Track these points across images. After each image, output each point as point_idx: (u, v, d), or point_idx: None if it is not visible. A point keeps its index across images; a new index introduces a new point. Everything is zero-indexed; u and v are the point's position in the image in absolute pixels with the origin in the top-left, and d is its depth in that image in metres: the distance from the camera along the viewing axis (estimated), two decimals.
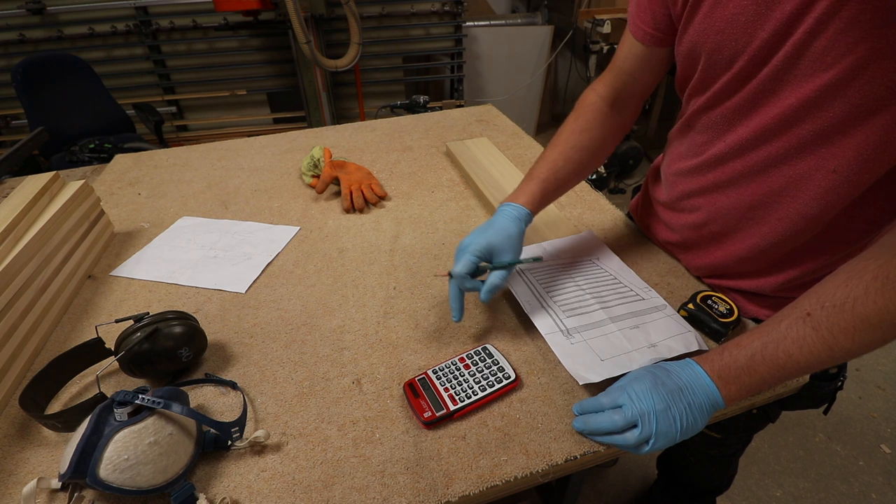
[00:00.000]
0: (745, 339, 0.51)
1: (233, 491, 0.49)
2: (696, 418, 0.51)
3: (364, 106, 2.93)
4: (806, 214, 0.56)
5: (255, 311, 0.72)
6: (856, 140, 0.49)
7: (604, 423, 0.51)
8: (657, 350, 0.60)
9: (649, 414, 0.50)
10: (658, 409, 0.50)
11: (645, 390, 0.51)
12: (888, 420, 1.53)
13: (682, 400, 0.51)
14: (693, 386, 0.51)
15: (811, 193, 0.54)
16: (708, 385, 0.51)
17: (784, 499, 1.34)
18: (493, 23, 3.17)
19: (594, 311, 0.66)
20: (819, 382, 0.70)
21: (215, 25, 2.55)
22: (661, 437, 0.50)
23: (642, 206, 0.87)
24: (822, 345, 0.46)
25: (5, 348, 0.60)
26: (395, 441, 0.53)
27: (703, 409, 0.51)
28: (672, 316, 0.65)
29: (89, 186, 0.86)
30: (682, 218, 0.73)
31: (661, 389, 0.51)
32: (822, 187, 0.53)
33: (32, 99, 1.99)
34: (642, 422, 0.50)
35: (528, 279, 0.72)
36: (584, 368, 0.57)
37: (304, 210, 0.98)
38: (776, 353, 0.48)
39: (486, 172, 1.03)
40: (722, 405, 0.51)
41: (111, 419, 0.47)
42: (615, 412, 0.51)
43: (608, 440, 0.52)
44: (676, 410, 0.50)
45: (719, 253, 0.69)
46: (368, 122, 1.40)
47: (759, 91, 0.53)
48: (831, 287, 0.47)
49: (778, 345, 0.48)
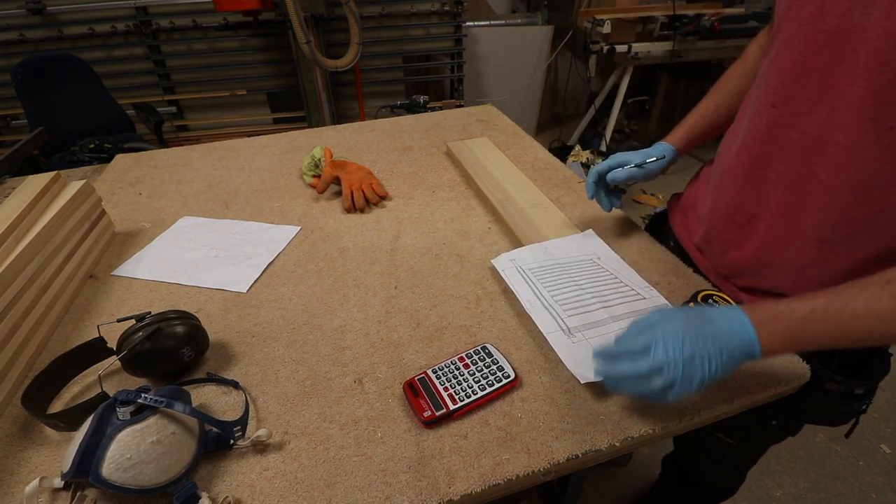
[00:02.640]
0: (812, 294, 0.48)
1: (235, 490, 0.49)
2: (724, 366, 0.48)
3: (364, 106, 2.93)
4: (857, 181, 0.52)
5: (256, 311, 0.72)
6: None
7: (627, 369, 0.49)
8: None
9: (676, 361, 0.47)
10: (686, 357, 0.47)
11: (676, 333, 0.48)
12: (888, 420, 1.53)
13: (713, 346, 0.48)
14: (729, 332, 0.48)
15: (861, 155, 0.51)
16: (747, 333, 0.48)
17: (784, 499, 1.34)
18: (493, 23, 3.17)
19: (595, 311, 0.66)
20: (841, 400, 0.65)
21: (215, 25, 2.55)
22: (685, 384, 0.47)
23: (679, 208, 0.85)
24: (894, 314, 0.44)
25: (7, 348, 0.60)
26: (397, 440, 0.54)
27: (733, 357, 0.48)
28: None
29: (90, 186, 0.86)
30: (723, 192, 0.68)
31: (691, 334, 0.48)
32: (873, 145, 0.49)
33: (32, 99, 1.99)
34: (667, 368, 0.47)
35: (530, 279, 0.72)
36: (585, 367, 0.57)
37: (305, 210, 0.98)
38: (841, 310, 0.46)
39: (487, 172, 1.03)
40: (758, 356, 0.48)
41: (113, 418, 0.47)
42: (641, 357, 0.49)
43: (631, 387, 0.50)
44: (705, 356, 0.47)
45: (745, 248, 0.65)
46: (368, 122, 1.40)
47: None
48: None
49: (846, 303, 0.46)
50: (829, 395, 0.63)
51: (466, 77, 3.11)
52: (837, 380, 0.62)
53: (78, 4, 2.45)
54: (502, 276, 0.74)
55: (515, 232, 0.85)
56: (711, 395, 0.57)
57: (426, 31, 2.88)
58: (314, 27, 2.50)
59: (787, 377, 0.59)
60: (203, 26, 2.60)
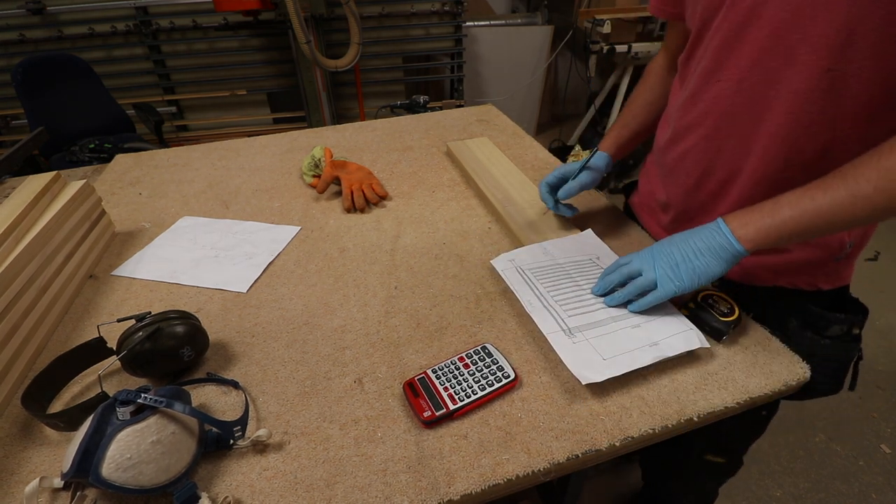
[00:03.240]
0: (782, 194, 0.55)
1: (235, 490, 0.49)
2: (702, 252, 0.59)
3: (364, 106, 2.93)
4: (799, 125, 0.57)
5: (256, 311, 0.72)
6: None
7: (615, 276, 0.66)
8: (659, 348, 0.60)
9: (654, 256, 0.62)
10: (664, 252, 0.62)
11: (651, 247, 0.64)
12: (888, 420, 1.53)
13: (685, 240, 0.60)
14: (701, 229, 0.60)
15: (801, 97, 0.56)
16: (716, 224, 0.58)
17: (784, 499, 1.34)
18: (493, 23, 3.17)
19: (596, 311, 0.66)
20: (843, 344, 0.69)
21: (215, 25, 2.55)
22: (673, 272, 0.60)
23: (638, 196, 0.91)
24: (845, 190, 0.50)
25: (7, 348, 0.60)
26: (397, 440, 0.54)
27: (712, 250, 0.58)
28: (673, 314, 0.65)
29: (90, 186, 0.86)
30: (678, 173, 0.74)
31: (665, 242, 0.62)
32: (811, 89, 0.55)
33: (32, 99, 1.99)
34: (649, 265, 0.62)
35: (530, 279, 0.72)
36: (586, 368, 0.57)
37: (305, 210, 0.98)
38: (802, 196, 0.53)
39: (487, 172, 1.03)
40: (738, 246, 0.56)
41: (113, 418, 0.47)
42: (625, 265, 0.66)
43: (626, 293, 0.64)
44: (682, 248, 0.60)
45: (720, 209, 0.69)
46: (368, 122, 1.40)
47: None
48: (864, 155, 0.51)
49: (806, 191, 0.53)
50: (834, 340, 0.68)
51: (466, 77, 3.11)
52: (840, 318, 0.68)
53: (78, 4, 2.45)
54: (502, 277, 0.74)
55: (515, 232, 0.85)
56: (711, 395, 0.57)
57: (426, 31, 2.88)
58: (314, 27, 2.50)
59: (788, 377, 0.59)
60: (203, 26, 2.60)
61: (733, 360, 0.62)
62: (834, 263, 0.69)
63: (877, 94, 0.53)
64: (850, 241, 0.67)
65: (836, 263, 0.69)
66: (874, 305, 1.96)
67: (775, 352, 0.63)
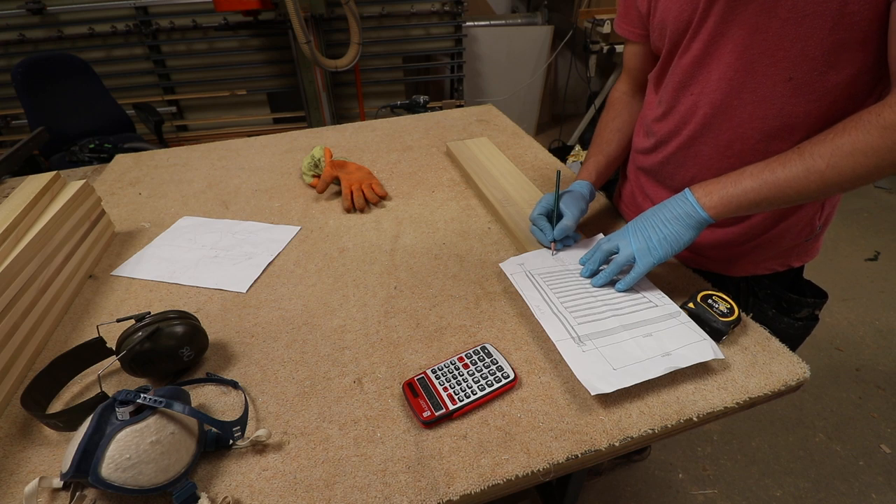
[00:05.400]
0: (746, 167, 0.60)
1: (234, 490, 0.49)
2: (671, 223, 0.63)
3: (364, 106, 2.93)
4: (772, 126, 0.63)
5: (256, 311, 0.72)
6: None
7: (599, 256, 0.69)
8: (671, 359, 0.58)
9: (626, 235, 0.67)
10: (636, 230, 0.66)
11: (630, 223, 0.68)
12: (888, 420, 1.53)
13: (654, 215, 0.65)
14: (668, 201, 0.64)
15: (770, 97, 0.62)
16: (683, 195, 0.62)
17: (784, 499, 1.34)
18: (493, 23, 3.17)
19: (606, 319, 0.64)
20: (808, 324, 0.79)
21: (215, 25, 2.55)
22: (647, 245, 0.65)
23: (622, 194, 0.95)
24: (801, 165, 0.55)
25: (7, 348, 0.60)
26: (397, 440, 0.54)
27: (679, 218, 0.62)
28: (686, 323, 0.63)
29: (90, 186, 0.86)
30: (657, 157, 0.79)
31: (634, 222, 0.67)
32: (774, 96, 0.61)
33: (32, 99, 1.99)
34: (623, 243, 0.67)
35: (539, 284, 0.71)
36: (595, 377, 0.55)
37: (305, 210, 0.98)
38: (763, 169, 0.57)
39: (487, 172, 1.03)
40: (703, 213, 0.60)
41: (113, 418, 0.47)
42: (604, 245, 0.69)
43: (608, 273, 0.69)
44: (651, 222, 0.65)
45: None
46: (368, 122, 1.40)
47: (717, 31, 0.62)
48: (822, 133, 0.55)
49: (767, 164, 0.58)
50: (804, 322, 0.78)
51: (466, 77, 3.11)
52: (810, 302, 0.77)
53: (78, 4, 2.46)
54: (511, 281, 0.72)
55: (515, 232, 0.85)
56: (711, 395, 0.57)
57: (426, 31, 2.89)
58: (314, 27, 2.50)
59: (787, 377, 0.59)
60: (203, 26, 2.60)
61: (733, 361, 0.61)
62: (804, 244, 0.77)
63: (840, 98, 0.59)
64: (819, 224, 0.75)
65: (806, 243, 0.78)
66: (874, 305, 1.97)
67: (775, 352, 0.63)
